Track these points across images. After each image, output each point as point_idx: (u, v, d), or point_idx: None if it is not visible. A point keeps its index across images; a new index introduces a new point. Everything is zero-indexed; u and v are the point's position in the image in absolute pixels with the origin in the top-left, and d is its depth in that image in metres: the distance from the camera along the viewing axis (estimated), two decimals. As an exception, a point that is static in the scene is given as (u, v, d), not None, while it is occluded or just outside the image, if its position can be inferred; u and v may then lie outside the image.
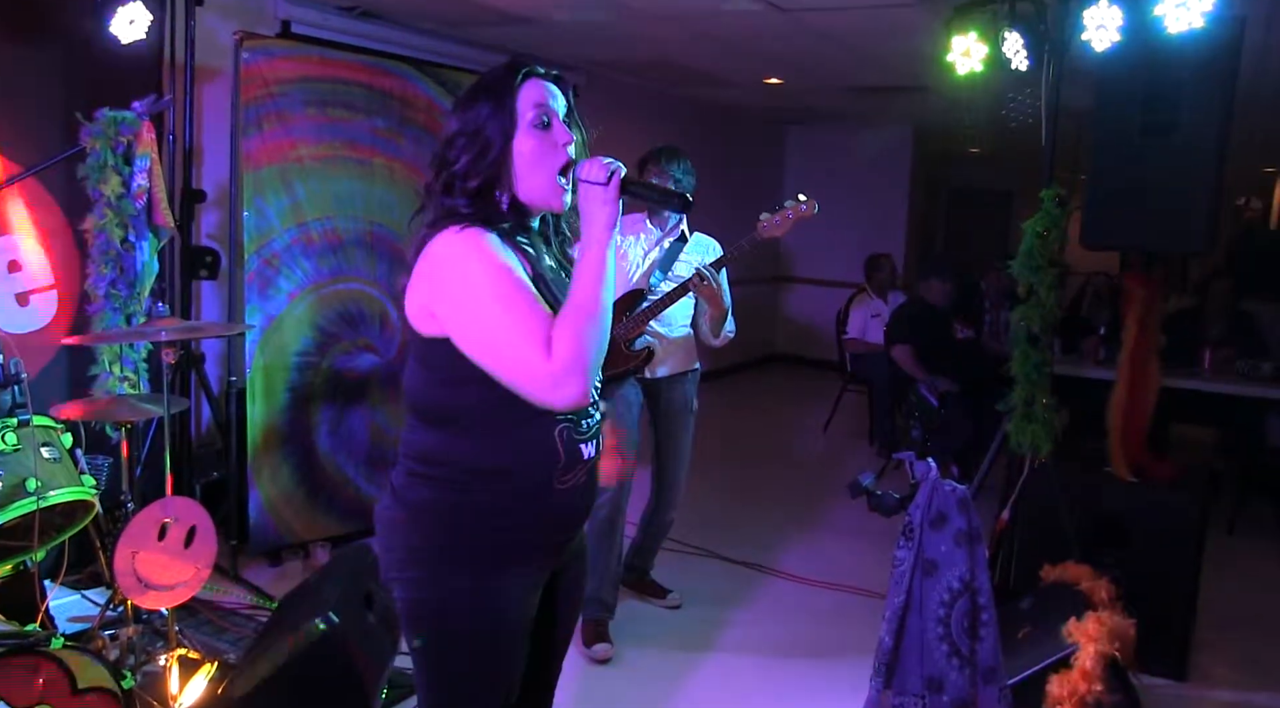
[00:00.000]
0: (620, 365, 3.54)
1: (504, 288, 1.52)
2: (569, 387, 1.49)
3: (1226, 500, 5.22)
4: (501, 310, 1.51)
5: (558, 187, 1.63)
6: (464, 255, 1.54)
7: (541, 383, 1.50)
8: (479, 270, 1.53)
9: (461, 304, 1.54)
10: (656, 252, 3.61)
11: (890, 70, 6.35)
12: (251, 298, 4.00)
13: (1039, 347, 3.60)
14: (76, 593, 3.67)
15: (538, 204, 1.67)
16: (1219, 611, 3.88)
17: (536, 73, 1.65)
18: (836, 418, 7.23)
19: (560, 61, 6.51)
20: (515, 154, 1.61)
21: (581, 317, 1.52)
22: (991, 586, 1.90)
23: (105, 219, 3.32)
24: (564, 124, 1.65)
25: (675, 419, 3.72)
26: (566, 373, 1.48)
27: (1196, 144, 3.38)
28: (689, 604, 3.94)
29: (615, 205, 1.57)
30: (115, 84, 3.71)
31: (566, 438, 1.60)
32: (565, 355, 1.48)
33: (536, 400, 1.52)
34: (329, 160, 4.16)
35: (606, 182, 1.56)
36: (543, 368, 1.48)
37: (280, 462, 4.12)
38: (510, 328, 1.50)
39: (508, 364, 1.52)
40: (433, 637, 1.67)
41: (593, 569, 3.54)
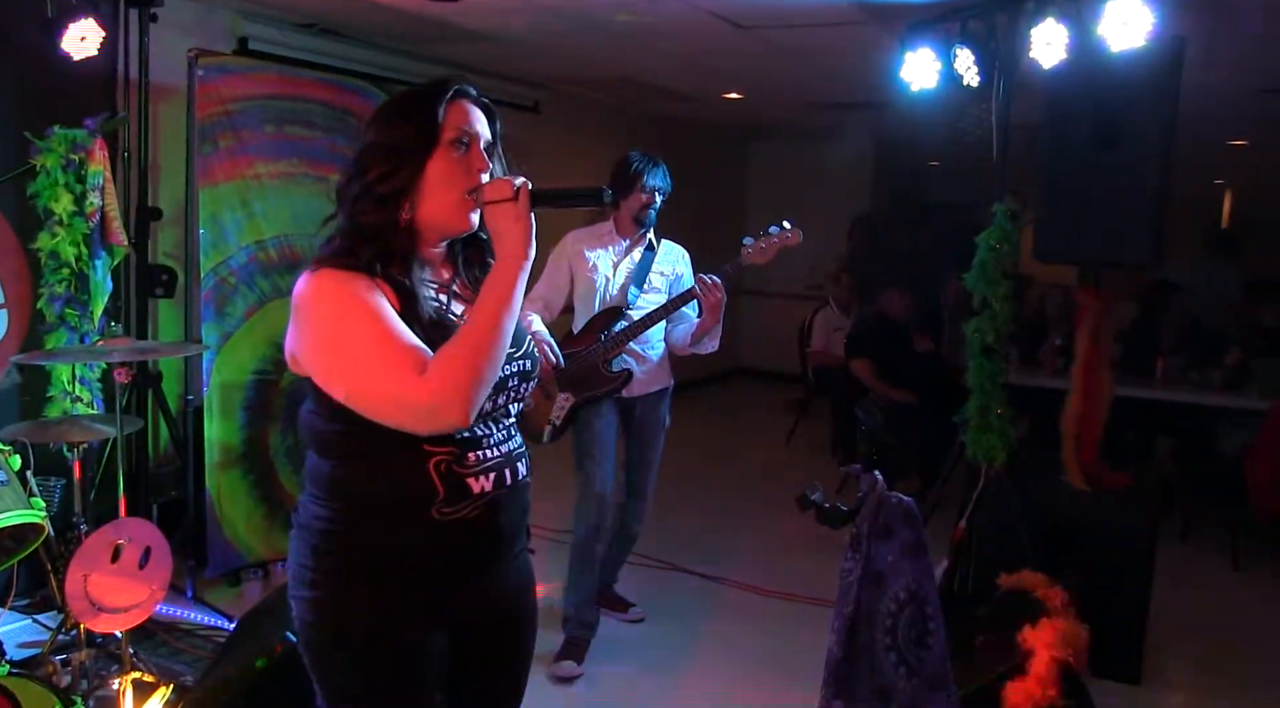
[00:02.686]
0: (599, 387, 3.52)
1: (365, 321, 1.47)
2: (447, 412, 1.44)
3: (1180, 508, 5.32)
4: (364, 343, 1.46)
5: (464, 203, 1.58)
6: (320, 294, 1.50)
7: (414, 408, 1.45)
8: (336, 307, 1.49)
9: (317, 347, 1.51)
10: (628, 263, 3.59)
11: (849, 86, 6.44)
12: (208, 316, 3.96)
13: (994, 358, 3.66)
14: (27, 618, 3.61)
15: (441, 224, 1.61)
16: (1172, 615, 3.94)
17: (466, 94, 1.62)
18: (799, 431, 7.27)
19: (520, 77, 6.54)
20: (427, 171, 1.56)
21: (471, 339, 1.47)
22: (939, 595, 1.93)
23: (58, 237, 3.29)
24: (482, 151, 1.61)
25: (649, 436, 3.71)
26: (443, 397, 1.43)
27: (1142, 158, 3.45)
28: (651, 618, 3.95)
29: (528, 220, 1.52)
30: (69, 101, 3.69)
31: (445, 472, 1.55)
32: (443, 379, 1.43)
33: (411, 429, 1.48)
34: (287, 177, 4.14)
35: (514, 197, 1.51)
36: (414, 394, 1.44)
37: (238, 481, 4.09)
38: (374, 359, 1.46)
39: (375, 398, 1.48)
40: (311, 655, 1.63)
41: (573, 587, 3.59)
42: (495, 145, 1.65)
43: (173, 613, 3.76)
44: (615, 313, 3.55)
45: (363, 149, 1.58)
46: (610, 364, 3.53)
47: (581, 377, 3.50)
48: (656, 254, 3.65)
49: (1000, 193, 3.68)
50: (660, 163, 3.58)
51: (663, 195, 3.57)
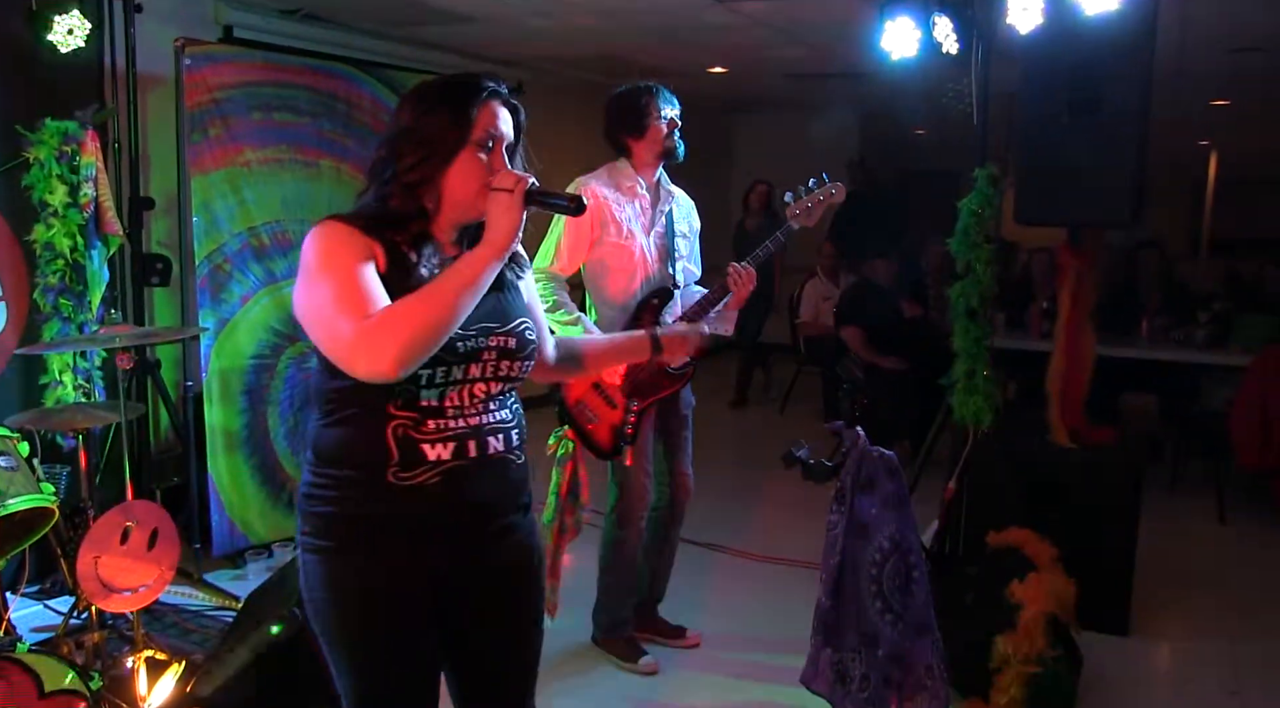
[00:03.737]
0: (665, 388, 3.17)
1: (333, 266, 1.57)
2: (373, 357, 1.49)
3: (1167, 463, 5.42)
4: (326, 285, 1.55)
5: (481, 196, 1.65)
6: (312, 241, 1.61)
7: (349, 348, 1.51)
8: (316, 252, 1.59)
9: (299, 284, 1.61)
10: (662, 225, 3.21)
11: (830, 57, 6.47)
12: (204, 303, 4.01)
13: (978, 321, 3.73)
14: (38, 603, 3.68)
15: (457, 214, 1.70)
16: (1159, 567, 4.03)
17: (498, 95, 1.70)
18: (792, 400, 7.36)
19: (502, 58, 6.56)
20: (452, 166, 1.66)
21: (422, 300, 1.54)
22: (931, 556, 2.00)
23: (53, 229, 3.33)
24: (503, 154, 1.69)
25: (682, 421, 3.39)
26: (378, 343, 1.48)
27: (1119, 120, 3.51)
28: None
29: (516, 213, 1.60)
30: (57, 94, 3.71)
31: (401, 436, 1.61)
32: (381, 325, 1.50)
33: (348, 367, 1.53)
34: (276, 164, 4.18)
35: (512, 189, 1.60)
36: (352, 332, 1.50)
37: (240, 464, 4.15)
38: (329, 299, 1.54)
39: (323, 334, 1.57)
40: (310, 612, 1.72)
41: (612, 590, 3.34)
42: (517, 143, 1.74)
43: (180, 595, 3.83)
44: (666, 295, 3.17)
45: (399, 132, 1.67)
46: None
47: (646, 379, 3.13)
48: (679, 208, 3.30)
49: (981, 159, 3.73)
50: (659, 85, 3.16)
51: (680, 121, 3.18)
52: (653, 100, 3.10)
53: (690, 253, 3.34)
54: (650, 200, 3.19)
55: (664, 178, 3.23)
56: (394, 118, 1.71)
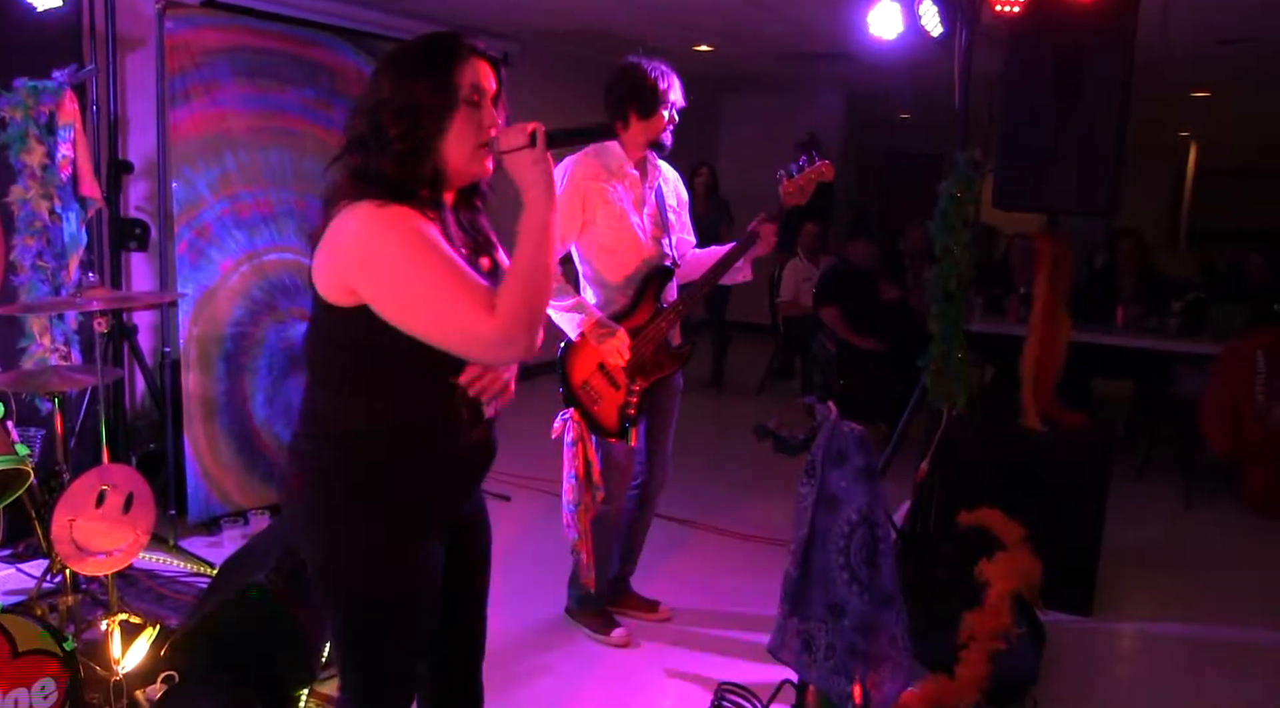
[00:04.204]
0: (667, 368, 3.19)
1: (438, 256, 1.56)
2: (517, 343, 1.55)
3: (1138, 449, 5.50)
4: (438, 278, 1.55)
5: (477, 154, 1.66)
6: (388, 229, 1.56)
7: (488, 341, 1.55)
8: (408, 243, 1.56)
9: (391, 278, 1.56)
10: (654, 201, 3.20)
11: (817, 36, 6.47)
12: (184, 269, 4.00)
13: (954, 303, 3.76)
14: (11, 566, 3.68)
15: (460, 173, 1.68)
16: (1125, 551, 4.11)
17: (476, 51, 1.67)
18: (770, 380, 7.40)
19: (492, 30, 6.52)
20: (446, 129, 1.63)
21: (526, 275, 1.57)
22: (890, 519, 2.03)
23: (30, 191, 3.31)
24: (492, 106, 1.67)
25: (669, 403, 3.37)
26: (513, 329, 1.54)
27: (1099, 107, 3.54)
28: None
29: (546, 161, 1.60)
30: (34, 54, 3.67)
31: (471, 398, 1.69)
32: (511, 313, 1.54)
33: (482, 359, 1.62)
34: (258, 131, 4.16)
35: (532, 142, 1.59)
36: (488, 327, 1.54)
37: (217, 431, 4.15)
38: (450, 293, 1.55)
39: (451, 328, 1.57)
40: (338, 595, 1.73)
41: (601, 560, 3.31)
42: (500, 96, 1.71)
43: (155, 561, 3.83)
44: (665, 274, 3.18)
45: (376, 105, 1.62)
46: (669, 338, 3.19)
47: (650, 359, 3.14)
48: (667, 182, 3.27)
49: (962, 143, 3.75)
50: (674, 71, 3.10)
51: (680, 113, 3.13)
52: (671, 88, 3.05)
53: (682, 224, 3.35)
54: (639, 177, 3.17)
55: (651, 154, 3.21)
56: (370, 86, 1.66)
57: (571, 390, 3.15)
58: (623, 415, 3.13)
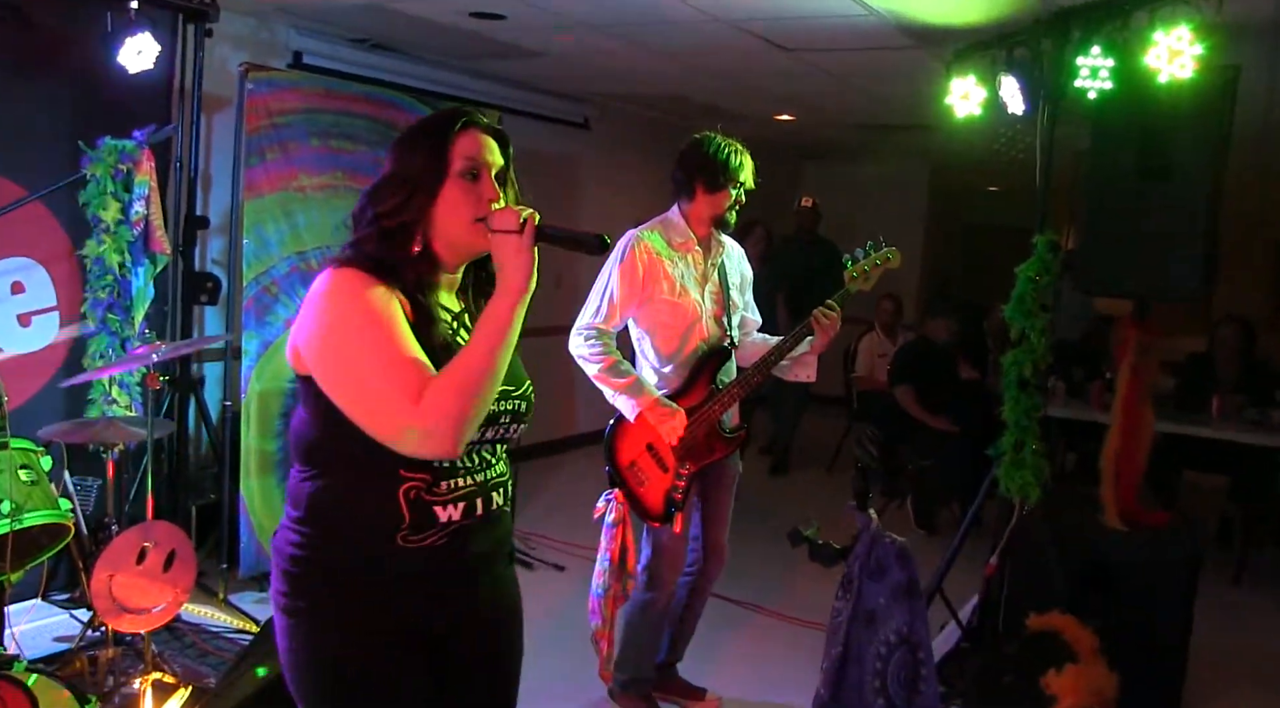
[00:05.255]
0: (718, 452, 3.05)
1: (374, 330, 1.48)
2: (437, 439, 1.44)
3: (1235, 551, 5.14)
4: (368, 352, 1.47)
5: (474, 228, 1.58)
6: (335, 294, 1.51)
7: (404, 433, 1.45)
8: (348, 310, 1.49)
9: (326, 343, 1.50)
10: (713, 281, 3.10)
11: (898, 109, 6.38)
12: (249, 324, 4.05)
13: (1029, 392, 3.58)
14: (65, 612, 3.71)
15: (457, 249, 1.63)
16: (1217, 664, 3.79)
17: (476, 123, 1.63)
18: (842, 455, 7.18)
19: (569, 94, 6.59)
20: (438, 201, 1.59)
21: (467, 370, 1.47)
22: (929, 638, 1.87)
23: (104, 245, 3.39)
24: (492, 180, 1.62)
25: (726, 486, 3.23)
26: (435, 425, 1.43)
27: (1190, 188, 3.38)
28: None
29: (530, 254, 1.51)
30: (126, 112, 3.80)
31: (414, 499, 1.55)
32: (437, 407, 1.43)
33: (399, 450, 1.47)
34: (330, 190, 4.22)
35: (520, 229, 1.51)
36: (407, 417, 1.44)
37: (273, 487, 4.15)
38: (375, 372, 1.46)
39: (369, 410, 1.48)
40: (292, 677, 1.62)
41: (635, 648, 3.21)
42: (507, 172, 1.67)
43: (203, 615, 3.83)
44: (724, 355, 3.06)
45: (381, 180, 1.62)
46: (723, 422, 3.05)
47: (701, 442, 3.00)
48: (730, 259, 3.17)
49: (1041, 222, 3.60)
50: (746, 149, 3.03)
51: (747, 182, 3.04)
52: (742, 167, 3.00)
53: (746, 303, 3.27)
54: (703, 254, 3.09)
55: (714, 230, 3.13)
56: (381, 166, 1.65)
57: (618, 470, 3.05)
58: (669, 500, 3.00)
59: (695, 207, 3.05)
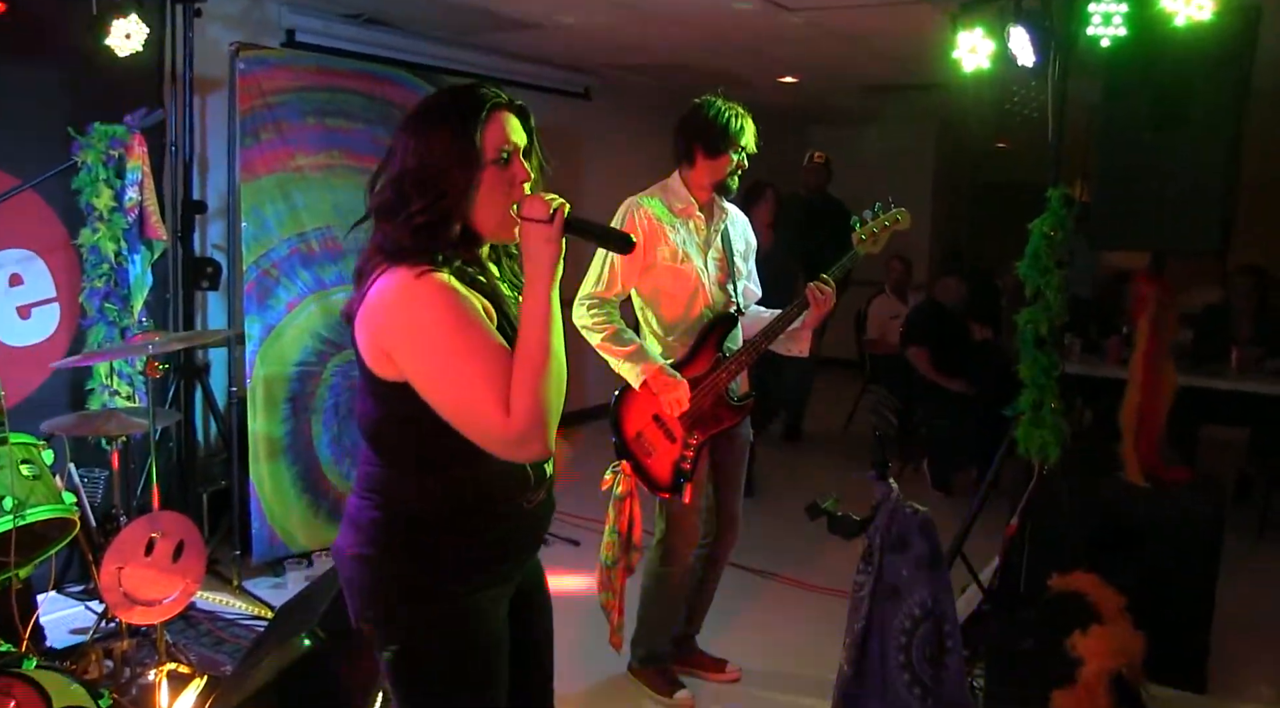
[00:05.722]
0: (726, 421, 3.00)
1: (464, 342, 1.50)
2: (530, 445, 1.50)
3: (1256, 504, 5.07)
4: (460, 364, 1.50)
5: (509, 219, 1.58)
6: (422, 304, 1.50)
7: (502, 443, 1.51)
8: (438, 322, 1.50)
9: (421, 356, 1.51)
10: (716, 247, 3.04)
11: (905, 68, 6.25)
12: (250, 308, 4.00)
13: (1046, 350, 3.50)
14: (80, 604, 3.69)
15: (491, 237, 1.64)
16: (1243, 618, 3.73)
17: (500, 105, 1.59)
18: (857, 418, 7.12)
19: (569, 64, 6.48)
20: (474, 191, 1.57)
21: (533, 370, 1.49)
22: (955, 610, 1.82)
23: (98, 233, 3.34)
24: (522, 161, 1.60)
25: (738, 456, 3.20)
26: (527, 432, 1.48)
27: (1208, 138, 3.28)
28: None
29: (558, 244, 1.52)
30: (116, 97, 3.74)
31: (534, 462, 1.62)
32: (524, 415, 1.47)
33: (498, 456, 1.53)
34: (328, 169, 4.15)
35: (549, 219, 1.50)
36: (502, 429, 1.48)
37: (282, 471, 4.12)
38: (469, 384, 1.49)
39: (465, 421, 1.52)
40: (411, 669, 1.64)
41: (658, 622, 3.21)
42: (532, 146, 1.65)
43: (218, 602, 3.81)
44: (730, 322, 3.01)
45: (401, 174, 1.55)
46: (731, 390, 3.00)
47: (708, 411, 2.97)
48: (734, 225, 3.11)
49: (1055, 177, 3.51)
50: (748, 113, 2.98)
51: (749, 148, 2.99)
52: (743, 133, 2.95)
53: (749, 272, 3.20)
54: (705, 219, 3.03)
55: (716, 195, 3.06)
56: (394, 149, 1.59)
57: (624, 442, 3.00)
58: (677, 470, 2.96)
59: (696, 172, 2.99)
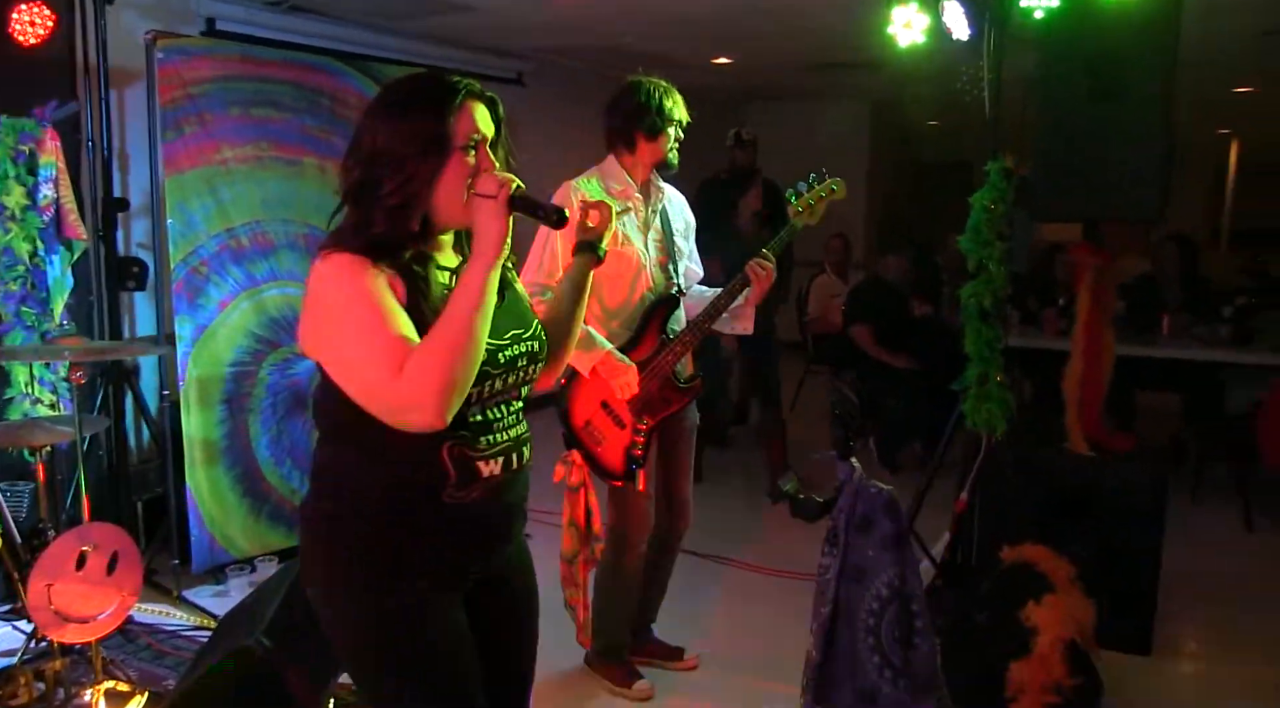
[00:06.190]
0: (675, 404, 2.96)
1: (358, 310, 1.50)
2: (422, 410, 1.47)
3: (1190, 468, 5.19)
4: (352, 334, 1.50)
5: (469, 204, 1.58)
6: (325, 279, 1.53)
7: (388, 407, 1.49)
8: (336, 294, 1.52)
9: (319, 327, 1.55)
10: (655, 227, 3.01)
11: (839, 46, 6.26)
12: (181, 308, 3.84)
13: (991, 323, 3.53)
14: (7, 624, 3.53)
15: (449, 223, 1.64)
16: (1183, 581, 3.81)
17: (471, 94, 1.60)
18: (801, 400, 7.15)
19: (503, 49, 6.38)
20: (440, 179, 1.58)
21: (445, 339, 1.49)
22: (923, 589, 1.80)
23: (10, 233, 3.18)
24: (488, 152, 1.62)
25: (686, 438, 3.16)
26: (418, 394, 1.46)
27: (1142, 109, 3.31)
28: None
29: (504, 220, 1.53)
30: (24, 89, 3.56)
31: (458, 456, 1.58)
32: (418, 377, 1.46)
33: (390, 422, 1.50)
34: (255, 162, 4.00)
35: (495, 195, 1.53)
36: (389, 392, 1.47)
37: (220, 475, 3.98)
38: (359, 352, 1.50)
39: (359, 389, 1.52)
40: (353, 656, 1.67)
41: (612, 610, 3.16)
42: (499, 136, 1.66)
43: (157, 614, 3.68)
44: (672, 303, 2.98)
45: (373, 154, 1.57)
46: (677, 372, 2.96)
47: (656, 394, 2.93)
48: (672, 205, 3.09)
49: (994, 150, 3.53)
50: (674, 88, 2.96)
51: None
52: (676, 107, 2.94)
53: (690, 252, 3.17)
54: (643, 200, 3.00)
55: (654, 175, 3.02)
56: (363, 131, 1.59)
57: (573, 431, 2.94)
58: (629, 457, 2.92)
59: (639, 155, 2.96)
